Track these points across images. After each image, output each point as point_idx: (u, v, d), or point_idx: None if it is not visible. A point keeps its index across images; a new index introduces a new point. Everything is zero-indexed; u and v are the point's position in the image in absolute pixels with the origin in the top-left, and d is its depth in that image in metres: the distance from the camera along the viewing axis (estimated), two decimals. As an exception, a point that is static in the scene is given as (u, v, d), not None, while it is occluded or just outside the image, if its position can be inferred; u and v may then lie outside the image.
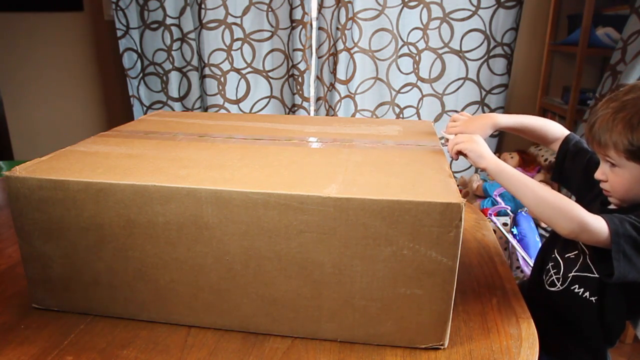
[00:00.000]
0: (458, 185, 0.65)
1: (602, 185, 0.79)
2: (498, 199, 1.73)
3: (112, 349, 0.66)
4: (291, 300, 0.67)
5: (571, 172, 0.89)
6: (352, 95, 2.05)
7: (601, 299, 0.80)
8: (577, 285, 0.82)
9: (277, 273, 0.66)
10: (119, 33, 2.06)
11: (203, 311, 0.70)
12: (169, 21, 2.00)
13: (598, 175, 0.79)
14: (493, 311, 0.75)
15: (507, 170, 0.75)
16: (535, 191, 0.72)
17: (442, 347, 0.67)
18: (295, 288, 0.66)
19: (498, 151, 2.11)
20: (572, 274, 0.82)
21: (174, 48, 2.04)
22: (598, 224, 0.69)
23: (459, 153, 0.81)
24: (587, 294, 0.80)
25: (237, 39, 2.05)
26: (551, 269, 0.87)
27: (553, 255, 0.88)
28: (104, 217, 0.67)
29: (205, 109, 2.16)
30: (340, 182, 0.64)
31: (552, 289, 0.86)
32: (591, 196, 0.86)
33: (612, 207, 0.81)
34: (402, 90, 2.05)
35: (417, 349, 0.67)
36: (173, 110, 2.14)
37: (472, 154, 0.78)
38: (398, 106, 2.07)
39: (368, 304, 0.65)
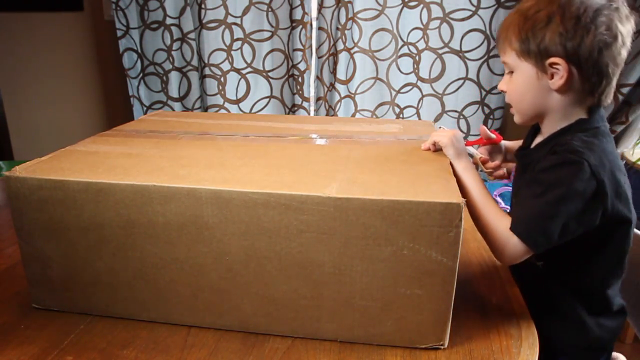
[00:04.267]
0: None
1: (506, 98, 0.77)
2: (498, 198, 1.73)
3: (112, 349, 0.66)
4: (291, 300, 0.67)
5: None
6: (352, 95, 2.05)
7: (547, 263, 0.77)
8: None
9: (277, 273, 0.66)
10: (119, 33, 2.06)
11: (203, 311, 0.70)
12: (169, 21, 2.00)
13: (501, 86, 0.77)
14: (493, 311, 0.75)
15: (465, 176, 0.73)
16: (474, 209, 0.70)
17: (442, 347, 0.67)
18: (295, 288, 0.66)
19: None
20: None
21: (174, 48, 2.04)
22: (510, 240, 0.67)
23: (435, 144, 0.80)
24: (532, 259, 0.76)
25: (237, 39, 2.05)
26: None
27: None
28: (104, 217, 0.67)
29: (205, 109, 2.16)
30: (340, 181, 0.64)
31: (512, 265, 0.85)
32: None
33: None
34: (402, 90, 2.05)
35: (417, 349, 0.67)
36: (173, 110, 2.14)
37: (450, 150, 0.76)
38: (398, 106, 2.07)
39: (368, 304, 0.65)
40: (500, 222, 0.68)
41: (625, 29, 0.67)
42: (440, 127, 0.91)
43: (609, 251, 0.73)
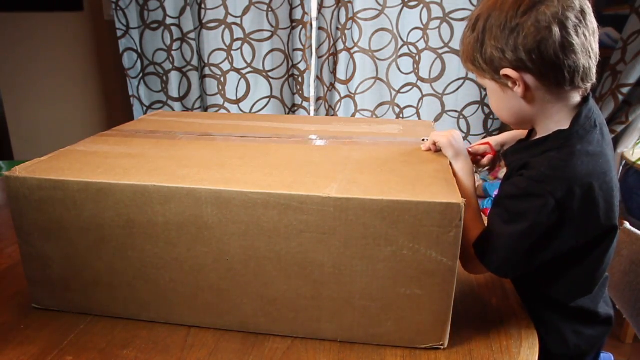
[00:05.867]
0: (458, 185, 0.66)
1: None
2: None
3: (112, 349, 0.66)
4: (291, 300, 0.67)
5: None
6: (352, 95, 2.05)
7: None
8: None
9: (277, 273, 0.66)
10: (119, 33, 2.06)
11: (203, 311, 0.70)
12: (169, 21, 2.00)
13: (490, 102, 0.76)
14: (493, 311, 0.75)
15: (459, 178, 0.73)
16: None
17: (442, 347, 0.67)
18: (295, 288, 0.66)
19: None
20: None
21: (174, 48, 2.04)
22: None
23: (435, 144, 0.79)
24: None
25: (237, 39, 2.05)
26: None
27: None
28: (104, 217, 0.67)
29: (205, 109, 2.16)
30: (340, 182, 0.64)
31: None
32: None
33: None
34: (402, 90, 2.05)
35: (417, 349, 0.67)
36: (173, 110, 2.14)
37: (449, 151, 0.76)
38: (398, 106, 2.07)
39: (368, 304, 0.65)
40: (474, 231, 0.69)
41: (566, 15, 0.62)
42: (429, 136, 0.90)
43: (578, 270, 0.70)
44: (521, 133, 0.84)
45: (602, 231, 0.67)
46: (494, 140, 0.88)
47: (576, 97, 0.69)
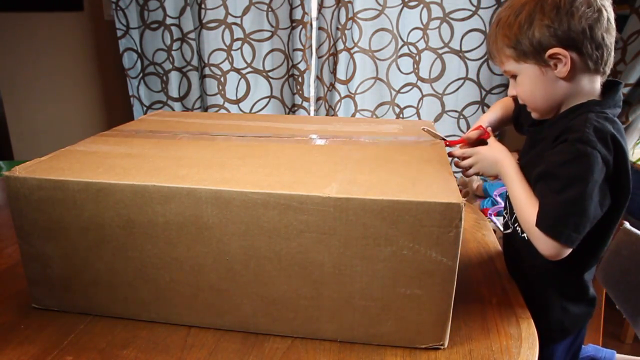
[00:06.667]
0: (458, 185, 0.66)
1: (519, 100, 0.79)
2: (498, 199, 1.73)
3: (112, 349, 0.66)
4: (291, 300, 0.67)
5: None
6: (352, 95, 2.05)
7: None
8: (517, 224, 0.79)
9: (277, 273, 0.66)
10: (119, 33, 2.06)
11: (203, 311, 0.70)
12: (169, 21, 2.00)
13: (510, 92, 0.79)
14: (493, 311, 0.75)
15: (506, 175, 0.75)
16: (515, 196, 0.74)
17: (442, 347, 0.67)
18: (295, 288, 0.66)
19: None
20: (515, 214, 0.78)
21: (174, 48, 2.04)
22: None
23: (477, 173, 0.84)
24: (524, 235, 0.76)
25: (237, 39, 2.05)
26: (508, 211, 0.85)
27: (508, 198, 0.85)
28: (104, 217, 0.67)
29: (205, 109, 2.16)
30: (340, 182, 0.64)
31: (506, 231, 0.86)
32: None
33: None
34: (402, 90, 2.05)
35: (417, 349, 0.67)
36: (173, 110, 2.13)
37: (484, 170, 0.81)
38: (398, 106, 2.07)
39: (368, 304, 0.65)
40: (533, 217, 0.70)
41: (607, 3, 0.70)
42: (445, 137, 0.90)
43: (599, 234, 0.73)
44: (511, 102, 0.88)
45: (626, 188, 0.71)
46: (485, 121, 0.88)
47: (598, 83, 0.73)
